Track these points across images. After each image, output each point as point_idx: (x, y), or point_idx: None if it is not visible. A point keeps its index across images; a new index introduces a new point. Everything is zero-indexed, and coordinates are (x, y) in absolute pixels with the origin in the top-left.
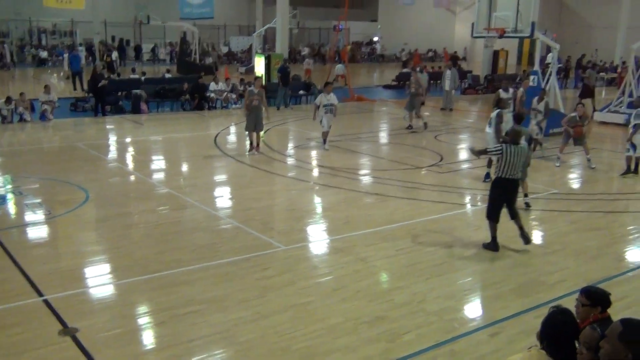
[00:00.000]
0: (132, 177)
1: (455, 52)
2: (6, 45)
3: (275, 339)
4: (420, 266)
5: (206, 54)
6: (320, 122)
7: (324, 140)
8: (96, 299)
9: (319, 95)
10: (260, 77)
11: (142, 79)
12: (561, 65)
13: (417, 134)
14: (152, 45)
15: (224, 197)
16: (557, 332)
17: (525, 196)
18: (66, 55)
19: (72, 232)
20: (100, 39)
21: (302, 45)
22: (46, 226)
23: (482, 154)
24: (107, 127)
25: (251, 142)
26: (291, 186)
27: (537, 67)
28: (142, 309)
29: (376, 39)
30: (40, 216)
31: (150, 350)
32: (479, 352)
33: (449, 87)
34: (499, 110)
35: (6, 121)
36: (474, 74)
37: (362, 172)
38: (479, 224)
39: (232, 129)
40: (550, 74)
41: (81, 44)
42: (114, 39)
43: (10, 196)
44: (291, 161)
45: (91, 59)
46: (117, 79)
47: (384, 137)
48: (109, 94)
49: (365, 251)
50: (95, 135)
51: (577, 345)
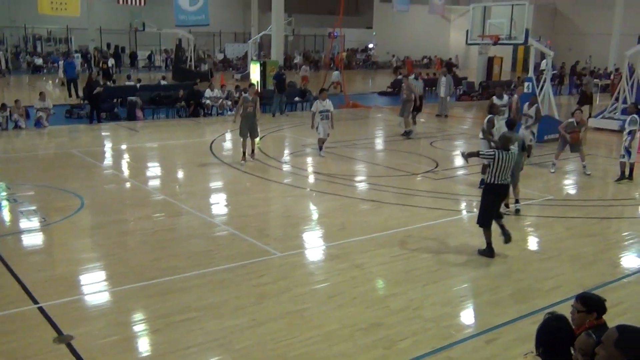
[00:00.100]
0: (128, 184)
1: (450, 58)
2: (1, 52)
3: (271, 346)
4: (416, 272)
5: (202, 61)
6: (316, 129)
7: (320, 147)
8: (91, 306)
9: (315, 102)
10: (254, 84)
11: (138, 85)
12: (555, 72)
13: (412, 141)
14: (149, 52)
15: (219, 204)
16: (552, 338)
17: (516, 202)
18: (61, 62)
19: (67, 239)
20: (95, 46)
21: (297, 52)
22: (41, 233)
23: (473, 156)
24: (103, 134)
25: (244, 151)
26: (287, 193)
27: (531, 73)
28: (138, 316)
29: (371, 45)
30: (35, 223)
31: (145, 357)
32: (475, 359)
33: (444, 94)
34: (490, 116)
35: (1, 128)
36: (469, 80)
37: (357, 178)
38: (474, 230)
39: (228, 136)
40: (544, 81)
41: (77, 51)
42: (109, 46)
43: (5, 203)
44: (287, 168)
45: (86, 66)
46: (112, 86)
47: (379, 144)
48: (104, 101)
49: (361, 258)
50: (90, 142)
51: (572, 351)
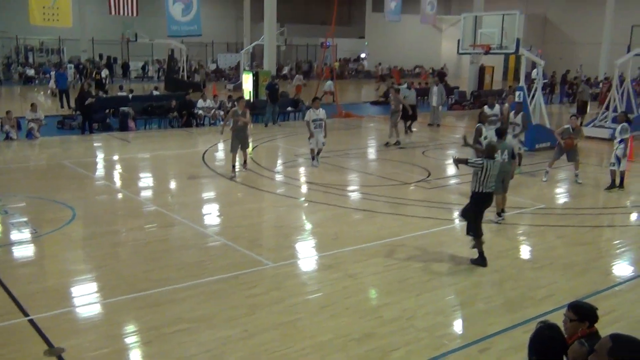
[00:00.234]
0: (120, 195)
1: (441, 67)
2: None
3: (264, 357)
4: (409, 282)
5: (196, 72)
6: (308, 139)
7: (312, 156)
8: (83, 319)
9: (308, 111)
10: (243, 97)
11: (130, 96)
12: (546, 80)
13: (405, 150)
14: (142, 63)
15: (212, 215)
16: (545, 347)
17: (502, 211)
18: (53, 73)
19: (58, 250)
20: (87, 56)
21: (287, 62)
22: (32, 245)
23: (462, 162)
24: (95, 144)
25: (233, 165)
26: (280, 203)
27: (522, 82)
28: (130, 328)
29: (363, 55)
30: (26, 235)
31: None
32: None
33: (436, 103)
34: (478, 125)
35: None
36: (461, 90)
37: (350, 188)
38: (466, 239)
39: (220, 146)
40: (535, 90)
41: (70, 62)
42: (101, 56)
43: None
44: (280, 178)
45: (79, 76)
46: (104, 96)
47: (372, 153)
48: (96, 112)
49: (354, 267)
50: (82, 153)
51: None
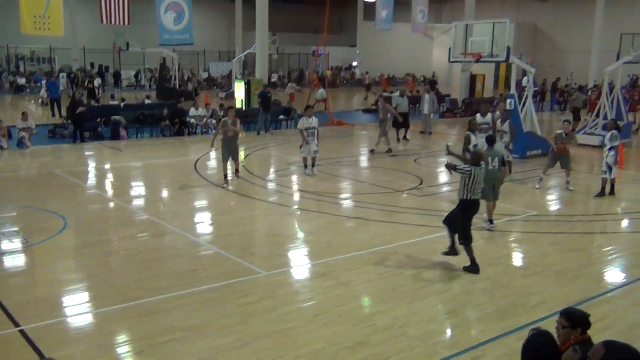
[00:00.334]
0: (111, 204)
1: (432, 75)
2: None
3: None
4: (401, 290)
5: (189, 80)
6: (300, 148)
7: (305, 164)
8: (74, 328)
9: (301, 119)
10: (233, 107)
11: (121, 105)
12: (537, 88)
13: (397, 158)
14: (135, 71)
15: (204, 223)
16: (538, 354)
17: (487, 219)
18: (44, 82)
19: (49, 260)
20: (79, 65)
21: (282, 69)
22: (23, 255)
23: (452, 169)
24: (86, 153)
25: (225, 174)
26: (272, 211)
27: (513, 90)
28: (121, 337)
29: (355, 63)
30: (17, 244)
31: None
32: None
33: (428, 111)
34: (467, 133)
35: None
36: (452, 97)
37: (343, 196)
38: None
39: (212, 155)
40: (526, 97)
41: (63, 71)
42: (92, 65)
43: None
44: (272, 186)
45: (71, 85)
46: (95, 105)
47: (364, 161)
48: (87, 121)
49: (346, 275)
50: (73, 161)
51: None
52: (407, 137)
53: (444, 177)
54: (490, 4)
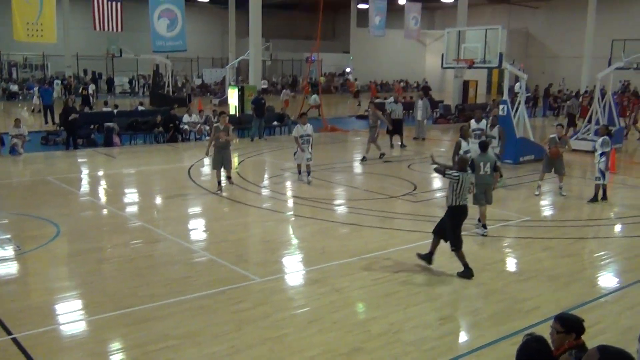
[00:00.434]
0: (105, 211)
1: (426, 82)
2: None
3: None
4: (396, 296)
5: (183, 86)
6: (294, 154)
7: (299, 170)
8: (67, 336)
9: (296, 127)
10: (225, 112)
11: (115, 111)
12: (529, 94)
13: (390, 164)
14: (129, 78)
15: (198, 230)
16: None
17: (480, 224)
18: (36, 89)
19: (42, 268)
20: (72, 72)
21: (275, 75)
22: (15, 262)
23: (440, 173)
24: (79, 160)
25: (218, 181)
26: (266, 217)
27: (506, 96)
28: (115, 345)
29: (348, 70)
30: (9, 252)
31: None
32: None
33: (421, 117)
34: (458, 139)
35: None
36: (445, 103)
37: (337, 202)
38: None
39: (206, 161)
40: (519, 103)
41: (58, 77)
42: (86, 72)
43: None
44: (266, 192)
45: (66, 92)
46: (89, 112)
47: (357, 167)
48: (80, 127)
49: (341, 282)
50: (66, 168)
51: None
52: (404, 144)
53: (437, 183)
54: (482, 10)
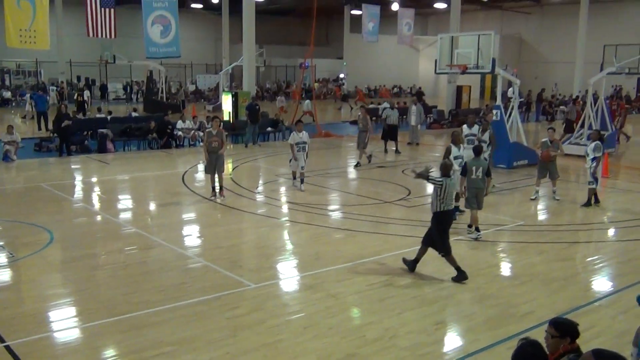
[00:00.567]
0: (99, 217)
1: (420, 88)
2: None
3: None
4: (391, 301)
5: (176, 93)
6: (289, 161)
7: (294, 176)
8: (61, 344)
9: (292, 134)
10: (217, 117)
11: (108, 118)
12: (522, 99)
13: (384, 169)
14: (123, 84)
15: (192, 236)
16: None
17: (471, 227)
18: (28, 95)
19: (35, 274)
20: (65, 78)
21: (270, 82)
22: (9, 269)
23: (423, 178)
24: (73, 167)
25: (212, 186)
26: (260, 223)
27: (499, 101)
28: (109, 352)
29: (342, 76)
30: (2, 259)
31: None
32: None
33: (415, 122)
34: (449, 145)
35: None
36: (439, 109)
37: (331, 207)
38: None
39: (200, 167)
40: (512, 108)
41: (53, 84)
42: (79, 78)
43: None
44: (260, 198)
45: (60, 98)
46: (82, 118)
47: (351, 172)
48: (73, 134)
49: (336, 287)
50: (60, 175)
51: None
52: (398, 150)
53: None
54: (475, 16)
